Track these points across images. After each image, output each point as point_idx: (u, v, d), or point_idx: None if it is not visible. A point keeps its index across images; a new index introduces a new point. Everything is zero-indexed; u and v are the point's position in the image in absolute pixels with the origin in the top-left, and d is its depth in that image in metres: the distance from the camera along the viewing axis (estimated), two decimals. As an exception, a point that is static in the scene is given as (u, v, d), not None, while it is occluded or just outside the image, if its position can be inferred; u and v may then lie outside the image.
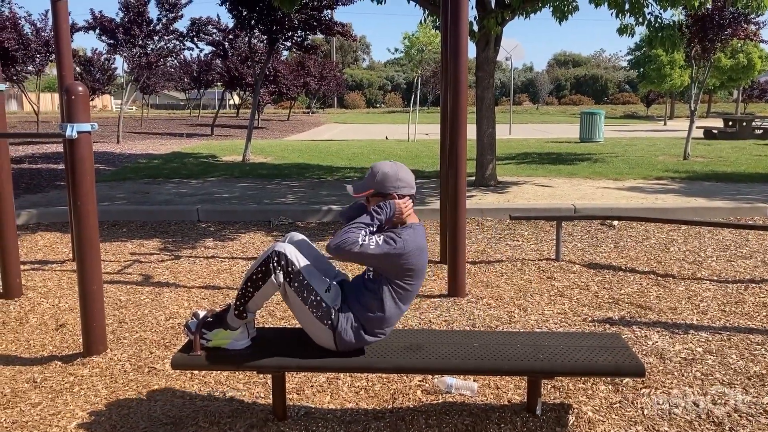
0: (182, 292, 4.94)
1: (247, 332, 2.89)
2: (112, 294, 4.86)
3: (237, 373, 3.41)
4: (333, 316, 2.74)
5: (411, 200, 2.85)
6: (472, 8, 9.18)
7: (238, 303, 2.81)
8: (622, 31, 9.27)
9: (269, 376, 3.25)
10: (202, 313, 2.90)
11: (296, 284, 2.72)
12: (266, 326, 4.08)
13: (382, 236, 2.69)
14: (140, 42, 18.35)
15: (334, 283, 2.86)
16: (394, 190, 2.81)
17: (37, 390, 3.28)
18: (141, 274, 5.47)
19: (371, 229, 2.71)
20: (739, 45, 27.93)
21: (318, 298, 2.73)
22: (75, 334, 4.05)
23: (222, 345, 2.86)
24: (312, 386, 3.29)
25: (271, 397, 3.07)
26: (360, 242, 2.63)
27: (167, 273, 5.49)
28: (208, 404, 3.11)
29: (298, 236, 2.94)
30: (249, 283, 2.76)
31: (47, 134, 3.98)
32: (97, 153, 15.90)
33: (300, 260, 2.75)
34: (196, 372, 3.44)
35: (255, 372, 3.26)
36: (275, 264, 2.71)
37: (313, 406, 3.09)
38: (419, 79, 22.41)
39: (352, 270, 5.33)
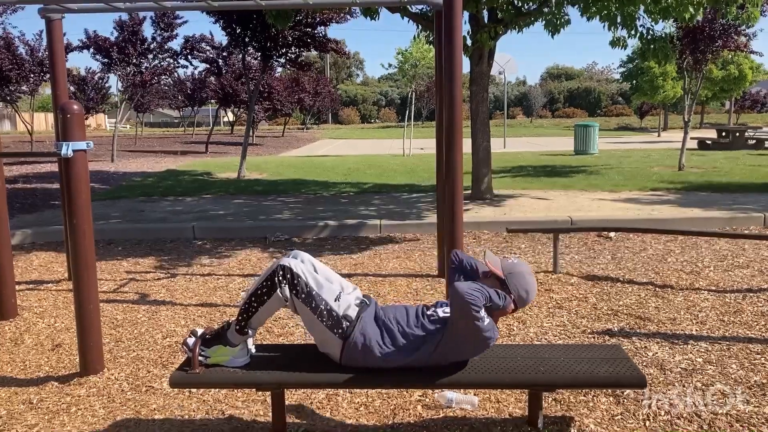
0: (179, 310, 4.92)
1: (246, 349, 2.87)
2: (108, 313, 4.83)
3: (236, 390, 3.38)
4: (344, 326, 2.72)
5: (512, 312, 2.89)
6: (466, 23, 9.23)
7: (240, 318, 2.79)
8: (615, 43, 9.31)
9: (268, 393, 3.23)
10: (200, 331, 2.88)
11: (304, 295, 2.71)
12: (264, 343, 4.05)
13: (490, 319, 2.70)
14: (134, 60, 18.39)
15: (348, 296, 2.83)
16: (516, 294, 2.81)
17: (33, 411, 3.25)
18: (137, 292, 5.45)
19: (487, 304, 2.68)
20: (730, 56, 28.13)
21: (328, 307, 2.72)
22: (71, 353, 4.01)
23: (221, 362, 2.83)
24: (311, 403, 3.26)
25: (270, 415, 3.04)
26: (481, 310, 2.62)
27: (163, 291, 5.47)
28: (206, 423, 3.08)
29: (302, 253, 2.91)
30: (253, 299, 2.75)
31: (43, 153, 3.98)
32: (92, 172, 15.87)
33: (306, 272, 2.74)
34: (194, 390, 3.41)
35: (254, 389, 3.24)
36: (280, 278, 2.71)
37: (312, 423, 3.06)
38: (413, 94, 22.49)
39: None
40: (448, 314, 2.79)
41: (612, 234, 7.28)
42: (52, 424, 3.11)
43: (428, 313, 2.84)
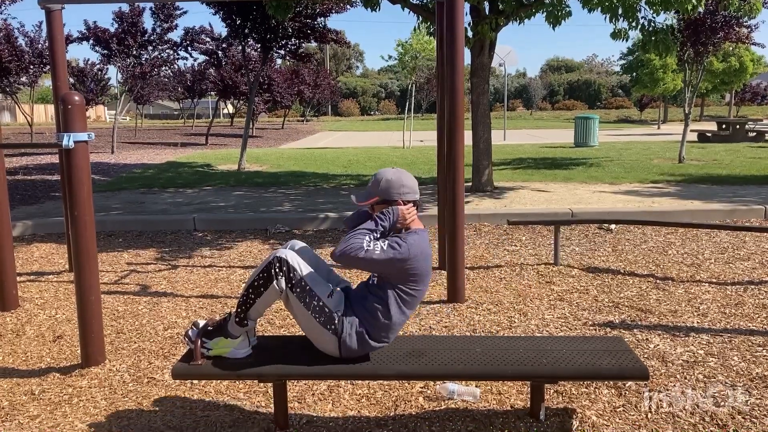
0: (180, 301, 4.92)
1: (248, 340, 2.87)
2: (109, 304, 4.83)
3: (237, 382, 3.39)
4: (336, 322, 2.72)
5: (415, 206, 2.85)
6: (467, 14, 9.19)
7: (239, 310, 2.79)
8: (616, 35, 9.28)
9: (270, 384, 3.23)
10: (201, 323, 2.88)
11: (298, 290, 2.71)
12: (266, 335, 4.05)
13: (386, 242, 2.70)
14: (134, 52, 18.33)
15: (338, 289, 2.84)
16: (398, 196, 2.82)
17: (35, 402, 3.25)
18: (138, 284, 5.44)
19: (375, 235, 2.71)
20: (731, 48, 28.06)
21: (321, 303, 2.72)
22: (73, 345, 4.02)
23: (223, 354, 2.84)
24: (313, 394, 3.26)
25: (272, 406, 3.05)
26: (365, 248, 2.63)
27: (165, 283, 5.46)
28: (208, 414, 3.08)
29: (299, 244, 2.92)
30: (250, 290, 2.75)
31: (44, 144, 3.96)
32: (92, 163, 15.84)
33: (302, 266, 2.74)
34: (196, 382, 3.41)
35: (256, 381, 3.24)
36: (277, 270, 2.70)
37: (314, 414, 3.07)
38: (413, 86, 22.44)
39: (358, 276, 5.31)
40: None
41: (612, 226, 7.28)
42: (54, 415, 3.11)
43: (371, 281, 2.87)
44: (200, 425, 2.96)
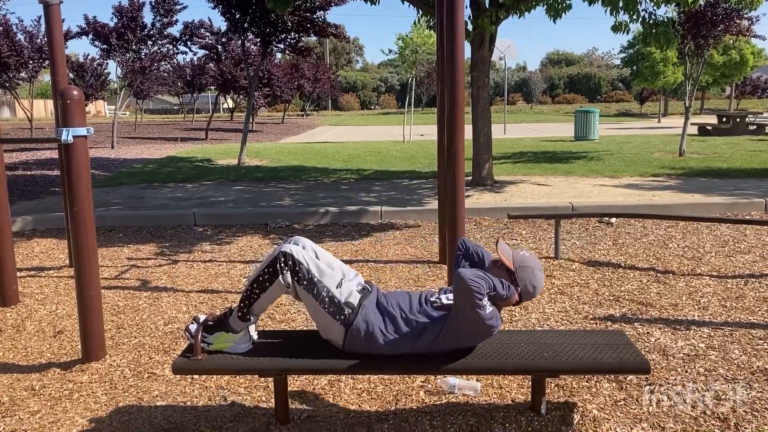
0: (180, 296, 4.91)
1: (248, 335, 2.87)
2: (110, 299, 4.83)
3: (238, 377, 3.38)
4: (346, 313, 2.72)
5: (517, 305, 2.89)
6: (467, 7, 9.16)
7: (242, 305, 2.79)
8: (617, 28, 9.26)
9: (271, 379, 3.23)
10: (202, 317, 2.88)
11: (306, 282, 2.70)
12: (266, 329, 4.05)
13: (493, 307, 2.69)
14: (134, 46, 18.28)
15: (350, 282, 2.83)
16: (524, 288, 2.82)
17: (35, 397, 3.25)
18: (138, 279, 5.44)
19: (491, 293, 2.68)
20: (732, 41, 28.00)
21: (330, 294, 2.72)
22: (73, 340, 4.02)
23: (223, 348, 2.83)
24: (314, 389, 3.26)
25: (273, 401, 3.04)
26: (483, 294, 2.62)
27: (165, 278, 5.46)
28: (209, 409, 3.08)
29: (303, 239, 2.91)
30: (255, 285, 2.74)
31: (43, 139, 3.95)
32: (92, 158, 15.84)
33: (307, 259, 2.73)
34: (196, 377, 3.41)
35: (256, 375, 3.24)
36: (282, 264, 2.70)
37: (315, 409, 3.06)
38: (413, 80, 22.40)
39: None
40: (452, 301, 2.79)
41: (613, 220, 7.27)
42: (55, 410, 3.11)
43: (431, 299, 2.83)
44: (201, 420, 2.96)
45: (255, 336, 2.92)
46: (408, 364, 2.76)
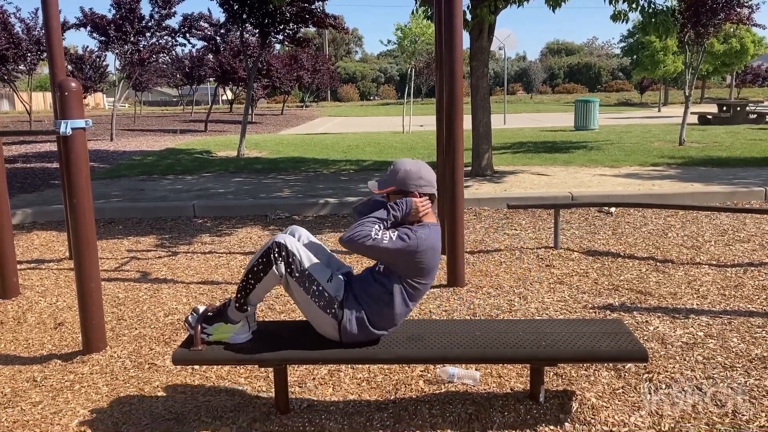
0: (180, 288, 4.92)
1: (248, 326, 2.88)
2: (110, 291, 4.84)
3: (238, 367, 3.40)
4: (336, 306, 2.73)
5: (431, 200, 2.84)
6: (465, -3, 9.13)
7: (239, 296, 2.80)
8: (616, 17, 9.23)
9: (271, 369, 3.25)
10: (201, 308, 2.89)
11: (298, 275, 2.71)
12: (266, 320, 4.07)
13: (396, 232, 2.69)
14: (132, 38, 18.23)
15: (339, 275, 2.84)
16: (415, 188, 2.79)
17: (37, 389, 3.26)
18: (138, 271, 5.45)
19: (386, 224, 2.69)
20: (732, 30, 27.91)
21: (320, 288, 2.72)
22: (74, 332, 4.03)
23: (223, 339, 2.84)
24: (314, 379, 3.28)
25: (273, 390, 3.06)
26: (373, 236, 2.62)
27: (165, 269, 5.47)
28: (210, 399, 3.09)
29: (299, 229, 2.92)
30: (250, 275, 2.75)
31: (41, 131, 3.96)
32: (91, 151, 15.83)
33: (301, 251, 2.74)
34: (197, 367, 3.42)
35: (256, 366, 3.25)
36: (276, 255, 2.70)
37: (315, 398, 3.08)
38: (413, 70, 22.34)
39: (358, 262, 5.31)
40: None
41: (612, 209, 7.27)
42: (56, 401, 3.12)
43: (377, 268, 2.84)
44: (201, 410, 2.98)
45: (254, 326, 2.93)
46: (407, 354, 2.77)
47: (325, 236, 6.46)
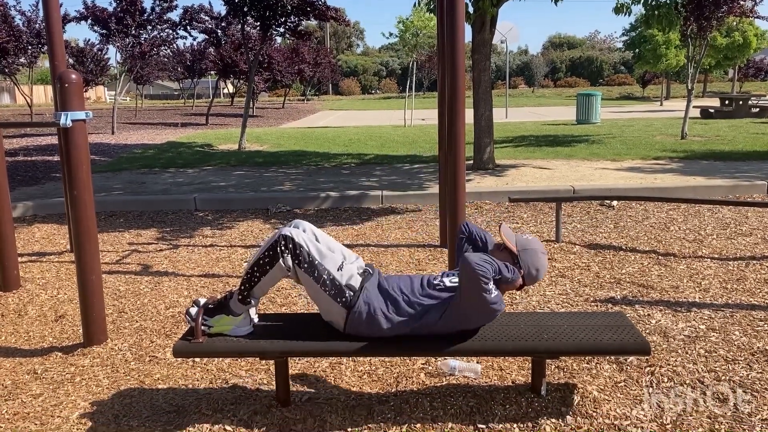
0: (181, 281, 4.92)
1: (249, 318, 2.87)
2: (111, 284, 4.83)
3: (239, 359, 3.40)
4: (348, 295, 2.72)
5: (520, 288, 2.89)
6: (467, -10, 9.10)
7: (242, 288, 2.79)
8: (619, 10, 9.21)
9: (272, 362, 3.24)
10: (202, 301, 2.88)
11: (306, 265, 2.70)
12: (267, 312, 4.06)
13: (497, 291, 2.69)
14: (133, 31, 18.19)
15: (350, 265, 2.82)
16: (527, 271, 2.81)
17: (38, 381, 3.26)
18: (139, 263, 5.45)
19: (496, 277, 2.67)
20: (735, 23, 27.82)
21: (330, 276, 2.72)
22: (75, 324, 4.03)
23: (224, 331, 2.84)
24: (315, 372, 3.27)
25: (274, 383, 3.06)
26: (490, 283, 2.61)
27: (166, 262, 5.47)
28: (210, 392, 3.09)
29: (303, 222, 2.90)
30: (255, 268, 2.74)
31: (41, 123, 3.94)
32: (92, 144, 15.82)
33: (308, 242, 2.73)
34: (197, 360, 3.42)
35: (257, 358, 3.25)
36: (282, 248, 2.70)
37: (316, 391, 3.07)
38: (414, 63, 22.29)
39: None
40: (455, 284, 2.79)
41: (614, 203, 7.26)
42: (57, 393, 3.12)
43: (434, 282, 2.83)
44: (202, 403, 2.97)
45: (256, 319, 2.92)
46: (409, 347, 2.76)
47: (327, 229, 6.45)
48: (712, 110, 21.76)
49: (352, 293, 2.73)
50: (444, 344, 2.75)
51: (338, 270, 2.75)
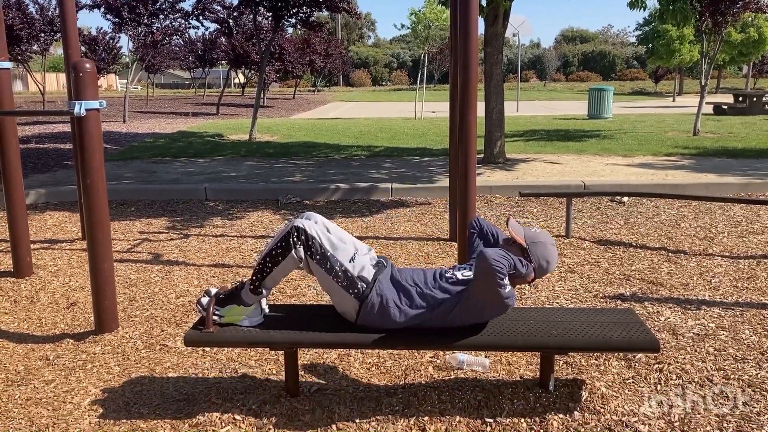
0: (192, 270, 4.95)
1: (260, 309, 2.89)
2: (122, 272, 4.87)
3: (249, 350, 3.42)
4: (360, 287, 2.73)
5: (532, 282, 2.90)
6: (480, -17, 9.06)
7: (254, 278, 2.80)
8: (634, 4, 9.15)
9: (281, 352, 3.27)
10: (213, 290, 2.90)
11: (318, 256, 2.72)
12: (278, 303, 4.08)
13: (510, 286, 2.70)
14: (145, 20, 18.21)
15: (362, 256, 2.84)
16: (538, 264, 2.82)
17: (50, 367, 3.30)
18: (150, 252, 5.48)
19: (511, 272, 2.68)
20: (750, 19, 27.56)
21: (343, 268, 2.73)
22: (86, 312, 4.06)
23: (235, 321, 2.86)
24: (324, 363, 3.29)
25: (283, 373, 3.07)
26: (505, 278, 2.63)
27: (176, 251, 5.50)
28: (220, 381, 3.11)
29: (314, 215, 2.90)
30: (268, 259, 2.75)
31: (55, 112, 3.96)
32: (104, 132, 15.89)
33: (320, 233, 2.74)
34: (207, 349, 3.44)
35: (267, 348, 3.27)
36: (295, 239, 2.71)
37: (325, 382, 3.09)
38: (426, 56, 22.22)
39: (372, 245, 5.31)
40: (468, 277, 2.79)
41: (625, 199, 7.23)
42: (69, 380, 3.15)
43: (447, 275, 2.84)
44: (212, 392, 3.00)
45: (266, 309, 2.94)
46: (418, 340, 2.77)
47: (337, 221, 6.47)
48: (725, 107, 21.59)
49: (364, 285, 2.74)
50: (453, 338, 2.75)
51: (350, 261, 2.76)
